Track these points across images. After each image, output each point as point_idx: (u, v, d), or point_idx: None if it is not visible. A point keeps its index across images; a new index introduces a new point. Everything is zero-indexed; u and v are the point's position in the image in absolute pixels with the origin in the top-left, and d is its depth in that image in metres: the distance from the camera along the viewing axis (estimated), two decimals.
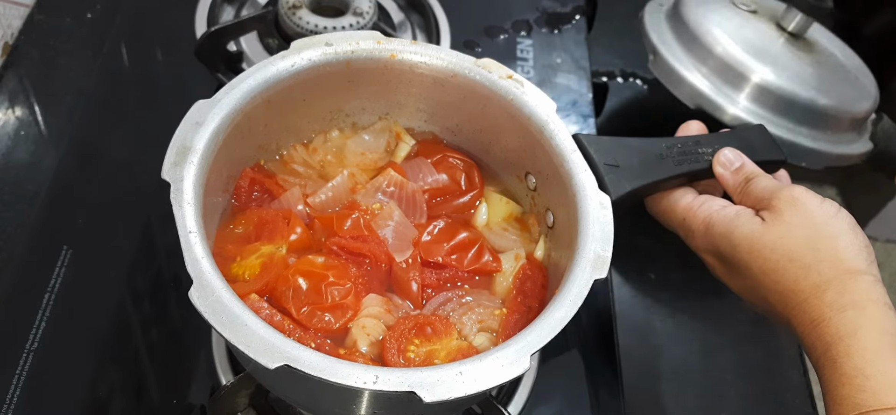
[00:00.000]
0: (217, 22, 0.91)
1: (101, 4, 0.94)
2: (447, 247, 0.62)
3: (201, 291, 0.47)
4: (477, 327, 0.58)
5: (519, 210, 0.67)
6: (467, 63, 0.63)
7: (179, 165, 0.53)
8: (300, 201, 0.63)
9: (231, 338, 0.46)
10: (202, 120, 0.56)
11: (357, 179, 0.66)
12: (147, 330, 0.70)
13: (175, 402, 0.67)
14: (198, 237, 0.50)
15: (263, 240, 0.60)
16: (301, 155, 0.67)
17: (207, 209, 0.57)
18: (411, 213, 0.64)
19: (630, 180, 0.61)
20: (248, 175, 0.63)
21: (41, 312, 0.68)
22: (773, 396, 0.74)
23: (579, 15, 1.02)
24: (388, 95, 0.67)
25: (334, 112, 0.68)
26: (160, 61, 0.91)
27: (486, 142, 0.67)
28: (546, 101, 0.61)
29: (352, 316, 0.57)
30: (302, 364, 0.45)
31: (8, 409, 0.63)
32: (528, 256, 0.63)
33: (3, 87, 0.85)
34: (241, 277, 0.57)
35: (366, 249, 0.59)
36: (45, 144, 0.82)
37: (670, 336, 0.77)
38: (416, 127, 0.69)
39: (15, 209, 0.75)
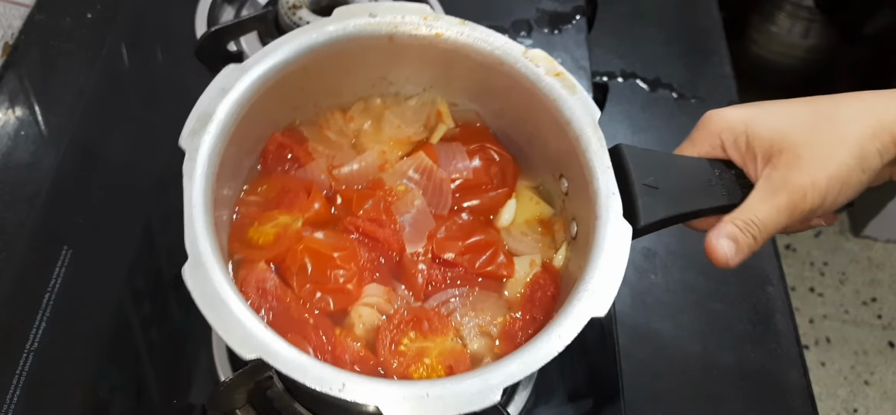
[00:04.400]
0: (217, 22, 0.91)
1: (101, 4, 0.94)
2: (461, 246, 0.61)
3: (194, 270, 0.47)
4: (476, 331, 0.58)
5: (548, 212, 0.64)
6: (515, 53, 0.60)
7: (198, 133, 0.52)
8: (324, 172, 0.62)
9: (213, 322, 0.46)
10: (229, 86, 0.54)
11: (387, 157, 0.64)
12: (147, 330, 0.70)
13: (175, 402, 0.67)
14: (201, 212, 0.49)
15: (282, 209, 0.60)
16: (337, 122, 0.65)
17: (233, 170, 0.56)
18: (435, 202, 0.62)
19: (666, 206, 0.56)
20: (276, 139, 0.62)
21: (41, 312, 0.68)
22: (773, 396, 0.74)
23: (579, 15, 1.02)
24: (433, 70, 0.64)
25: (377, 80, 0.65)
26: (160, 61, 0.91)
27: (527, 133, 0.64)
28: (590, 109, 0.58)
29: (352, 301, 0.57)
30: (275, 360, 0.45)
31: (8, 409, 0.63)
32: (544, 264, 0.61)
33: (3, 87, 0.85)
34: (256, 243, 0.58)
35: (379, 234, 0.59)
36: (45, 144, 0.82)
37: (670, 336, 0.77)
38: (460, 104, 0.67)
39: (15, 209, 0.76)
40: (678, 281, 0.81)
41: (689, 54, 1.02)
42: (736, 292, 0.80)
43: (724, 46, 1.04)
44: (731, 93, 0.98)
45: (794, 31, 1.96)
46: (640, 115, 0.95)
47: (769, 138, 0.55)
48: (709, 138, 0.58)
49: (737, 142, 0.57)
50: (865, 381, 1.81)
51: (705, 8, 1.08)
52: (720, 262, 0.57)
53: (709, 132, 0.58)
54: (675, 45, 1.03)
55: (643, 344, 0.76)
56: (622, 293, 0.79)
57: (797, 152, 0.54)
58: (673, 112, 0.96)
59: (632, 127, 0.93)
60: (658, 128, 0.94)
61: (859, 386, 1.80)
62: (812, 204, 0.54)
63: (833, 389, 1.79)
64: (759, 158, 0.56)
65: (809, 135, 0.55)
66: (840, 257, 1.98)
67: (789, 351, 0.77)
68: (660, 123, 0.95)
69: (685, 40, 1.04)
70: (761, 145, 0.56)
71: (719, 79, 1.00)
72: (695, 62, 1.02)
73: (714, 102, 0.97)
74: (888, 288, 1.95)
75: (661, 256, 0.82)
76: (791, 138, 0.55)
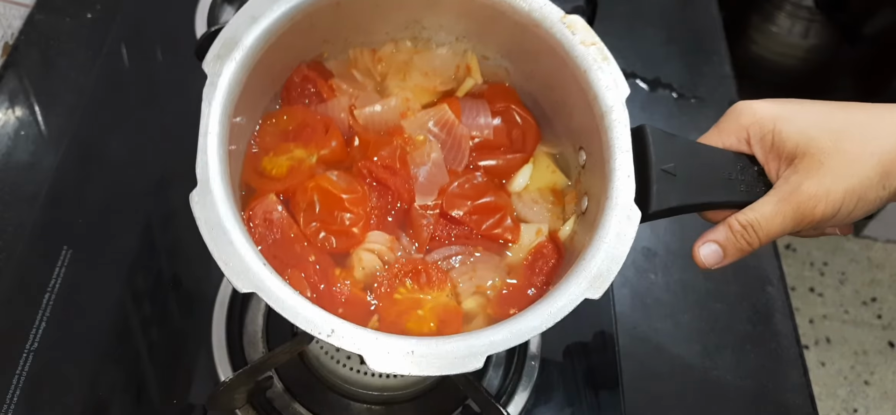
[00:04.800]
0: (217, 22, 0.91)
1: (101, 4, 0.94)
2: (470, 205, 0.60)
3: (202, 198, 0.48)
4: (472, 290, 0.58)
5: (563, 183, 0.64)
6: (552, 17, 0.59)
7: (222, 58, 0.52)
8: (345, 111, 0.62)
9: (213, 251, 0.46)
10: (258, 15, 0.54)
11: (410, 104, 0.64)
12: (147, 330, 0.70)
13: (175, 402, 0.67)
14: (216, 140, 0.50)
15: (299, 143, 0.60)
16: (365, 62, 0.65)
17: (255, 98, 0.56)
18: (451, 157, 0.62)
19: (680, 195, 0.55)
20: (302, 71, 0.62)
21: (41, 312, 0.68)
22: (773, 396, 0.74)
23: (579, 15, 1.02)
24: (468, 21, 0.64)
25: (410, 23, 0.65)
26: (160, 61, 0.91)
27: (554, 100, 0.63)
28: (620, 86, 0.56)
29: (355, 244, 0.57)
30: (269, 296, 0.46)
31: (8, 409, 0.63)
32: (550, 234, 0.61)
33: (3, 87, 0.85)
34: (268, 173, 0.58)
35: (391, 182, 0.59)
36: (45, 144, 0.82)
37: (670, 336, 0.77)
38: (492, 59, 0.66)
39: (15, 209, 0.75)
40: (678, 281, 0.81)
41: (689, 54, 1.02)
42: (736, 292, 0.80)
43: (724, 46, 1.04)
44: (731, 93, 0.98)
45: (793, 31, 1.96)
46: (641, 115, 0.95)
47: (795, 141, 0.55)
48: (736, 131, 0.58)
49: (763, 139, 0.56)
50: (865, 381, 1.80)
51: (705, 8, 1.08)
52: (700, 266, 0.58)
53: (737, 124, 0.58)
54: (675, 45, 1.03)
55: (643, 344, 0.76)
56: (622, 293, 0.79)
57: (820, 159, 0.53)
58: (673, 112, 0.96)
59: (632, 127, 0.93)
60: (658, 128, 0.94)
61: (859, 386, 1.80)
62: (823, 214, 0.53)
63: (833, 389, 1.79)
64: (783, 159, 0.56)
65: (835, 143, 0.54)
66: (840, 257, 1.98)
67: (789, 351, 0.77)
68: (660, 122, 0.95)
69: (685, 40, 1.04)
70: (786, 146, 0.55)
71: (719, 79, 1.00)
72: (695, 62, 1.02)
73: (714, 102, 0.97)
74: (888, 288, 1.95)
75: (661, 256, 0.82)
76: (816, 144, 0.54)
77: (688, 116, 0.96)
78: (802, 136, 0.54)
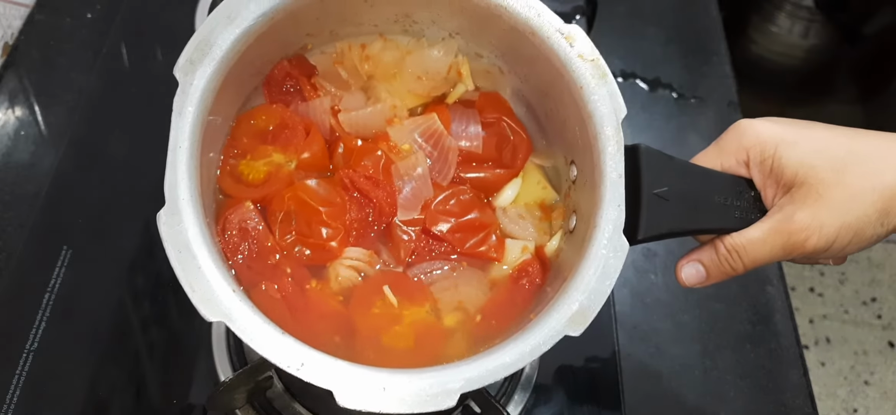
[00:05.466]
0: None
1: (101, 4, 0.94)
2: (454, 223, 0.58)
3: (169, 217, 0.46)
4: (453, 306, 0.56)
5: (552, 198, 0.62)
6: (550, 28, 0.55)
7: (195, 64, 0.49)
8: (328, 112, 0.60)
9: (181, 276, 0.44)
10: (235, 15, 0.51)
11: (397, 111, 0.61)
12: (147, 330, 0.70)
13: (175, 402, 0.67)
14: (186, 154, 0.47)
15: (278, 146, 0.57)
16: (352, 59, 0.62)
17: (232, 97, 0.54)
18: (437, 170, 0.60)
19: (671, 221, 0.53)
20: (284, 67, 0.59)
21: (41, 312, 0.68)
22: (773, 396, 0.74)
23: (579, 15, 1.02)
24: (462, 19, 0.60)
25: (400, 16, 0.61)
26: (160, 61, 0.91)
27: (549, 108, 0.60)
28: (616, 106, 0.54)
29: (332, 258, 0.55)
30: (237, 327, 0.44)
31: (8, 409, 0.63)
32: (536, 249, 0.59)
33: (3, 87, 0.85)
34: (245, 179, 0.56)
35: (374, 195, 0.57)
36: (45, 144, 0.81)
37: (670, 336, 0.77)
38: (486, 57, 0.63)
39: (15, 209, 0.75)
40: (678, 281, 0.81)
41: (689, 54, 1.02)
42: (736, 292, 0.80)
43: (724, 46, 1.04)
44: (730, 93, 0.98)
45: (793, 31, 1.96)
46: (640, 115, 0.95)
47: (795, 169, 0.52)
48: (736, 151, 0.55)
49: (763, 163, 0.54)
50: (865, 381, 1.80)
51: (705, 8, 1.08)
52: (681, 285, 0.57)
53: (738, 144, 0.55)
54: (675, 45, 1.03)
55: (643, 344, 0.76)
56: (622, 293, 0.79)
57: (818, 191, 0.51)
58: (673, 112, 0.96)
59: (632, 127, 0.93)
60: (658, 128, 0.94)
61: (859, 386, 1.80)
62: (814, 248, 0.52)
63: (833, 389, 1.79)
64: (781, 186, 0.54)
65: (836, 175, 0.51)
66: None
67: (789, 351, 0.77)
68: (660, 123, 0.95)
69: (685, 40, 1.04)
70: (785, 173, 0.53)
71: (719, 79, 1.00)
72: (695, 62, 1.02)
73: (714, 102, 0.97)
74: (888, 288, 1.95)
75: (661, 256, 0.82)
76: (816, 175, 0.52)
77: (688, 116, 0.96)
78: (803, 164, 0.52)
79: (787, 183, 0.53)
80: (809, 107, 2.08)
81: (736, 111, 0.97)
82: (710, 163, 0.56)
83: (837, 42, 1.97)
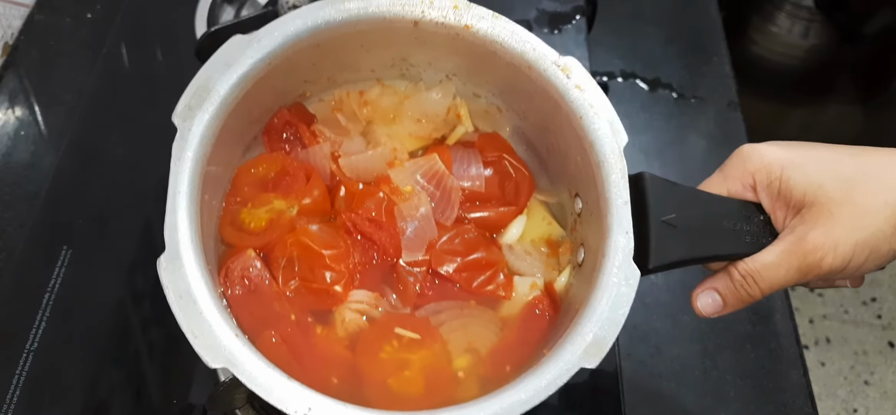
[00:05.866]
0: (217, 22, 0.91)
1: (101, 4, 0.94)
2: (460, 262, 0.57)
3: (170, 263, 0.45)
4: (463, 347, 0.54)
5: (558, 234, 0.61)
6: (546, 60, 0.56)
7: (194, 110, 0.49)
8: (328, 158, 0.59)
9: (182, 323, 0.44)
10: (233, 61, 0.51)
11: (397, 153, 0.61)
12: (147, 330, 0.70)
13: (175, 402, 0.67)
14: (186, 199, 0.47)
15: (279, 193, 0.57)
16: (351, 105, 0.62)
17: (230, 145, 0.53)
18: (441, 210, 0.59)
19: (681, 248, 0.52)
20: (283, 116, 0.59)
21: (41, 312, 0.68)
22: (773, 396, 0.74)
23: (579, 15, 1.02)
24: (458, 59, 0.61)
25: (397, 60, 0.62)
26: (160, 61, 0.91)
27: (549, 143, 0.61)
28: (616, 135, 0.54)
29: (337, 302, 0.55)
30: (241, 372, 0.43)
31: (8, 409, 0.63)
32: (546, 286, 0.58)
33: (3, 87, 0.85)
34: (247, 227, 0.56)
35: (377, 237, 0.57)
36: (45, 144, 0.82)
37: (670, 336, 0.77)
38: (484, 96, 0.63)
39: (15, 209, 0.75)
40: (678, 281, 0.81)
41: (689, 54, 1.02)
42: None
43: (724, 46, 1.04)
44: (730, 93, 0.98)
45: (793, 31, 1.96)
46: (640, 115, 0.95)
47: (803, 189, 0.51)
48: (741, 176, 0.54)
49: (770, 186, 0.53)
50: (865, 381, 1.80)
51: (705, 8, 1.08)
52: (698, 315, 0.55)
53: (742, 169, 0.54)
54: (675, 45, 1.03)
55: (643, 344, 0.76)
56: None
57: (830, 209, 0.50)
58: (673, 112, 0.96)
59: (632, 127, 0.93)
60: (658, 128, 0.94)
61: (859, 386, 1.80)
62: (830, 268, 0.51)
63: (833, 389, 1.79)
64: (790, 208, 0.53)
65: (846, 192, 0.51)
66: None
67: (789, 351, 0.77)
68: (660, 123, 0.95)
69: (685, 40, 1.04)
70: (794, 194, 0.52)
71: (719, 79, 1.00)
72: (695, 62, 1.02)
73: (714, 102, 0.97)
74: (888, 288, 1.95)
75: None
76: (826, 193, 0.51)
77: (688, 116, 0.96)
78: (811, 184, 0.51)
79: (797, 204, 0.52)
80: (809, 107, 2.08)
81: (736, 111, 0.97)
82: (715, 190, 0.55)
83: (837, 42, 1.97)
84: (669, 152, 0.92)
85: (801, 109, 2.08)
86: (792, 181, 0.52)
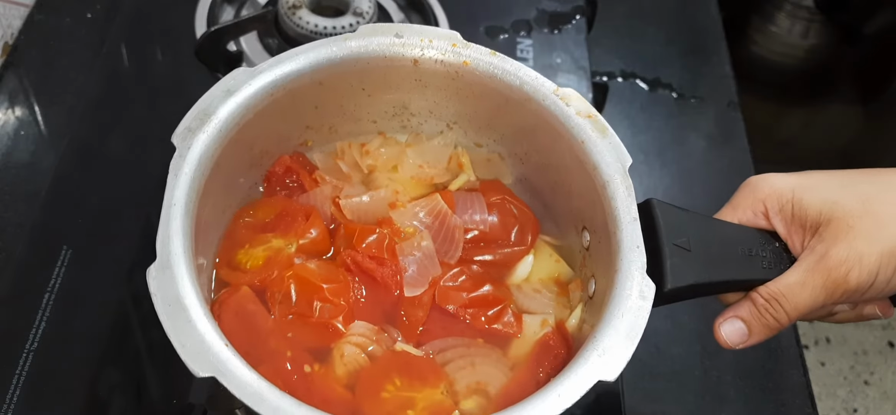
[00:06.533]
0: (217, 22, 0.91)
1: (101, 4, 0.94)
2: (466, 297, 0.56)
3: (160, 271, 0.44)
4: (471, 388, 0.52)
5: (567, 274, 0.60)
6: (545, 89, 0.57)
7: (193, 131, 0.49)
8: (329, 200, 0.58)
9: (169, 330, 0.42)
10: (235, 88, 0.52)
11: (399, 197, 0.60)
12: (147, 330, 0.70)
13: (175, 402, 0.67)
14: (180, 211, 0.46)
15: (277, 232, 0.56)
16: (353, 155, 0.62)
17: (231, 175, 0.53)
18: (444, 249, 0.58)
19: (697, 271, 0.50)
20: (284, 162, 0.59)
21: (41, 312, 0.68)
22: (773, 396, 0.74)
23: (579, 15, 1.02)
24: (457, 104, 0.61)
25: (398, 109, 0.62)
26: (160, 61, 0.91)
27: (551, 180, 0.61)
28: (620, 155, 0.54)
29: (336, 338, 0.53)
30: (230, 381, 0.41)
31: (8, 409, 0.63)
32: (557, 324, 0.56)
33: (3, 87, 0.85)
34: (243, 267, 0.55)
35: (378, 274, 0.55)
36: (45, 144, 0.81)
37: (670, 336, 0.77)
38: (485, 144, 0.64)
39: (15, 209, 0.75)
40: None
41: (689, 54, 1.02)
42: None
43: (724, 46, 1.04)
44: (731, 93, 0.98)
45: (793, 31, 1.96)
46: (640, 115, 0.95)
47: (818, 208, 0.50)
48: (752, 204, 0.53)
49: (783, 210, 0.52)
50: (865, 381, 1.80)
51: (705, 8, 1.08)
52: (723, 346, 0.53)
53: (752, 198, 0.53)
54: (675, 45, 1.03)
55: (643, 344, 0.76)
56: None
57: (848, 223, 0.49)
58: (673, 112, 0.96)
59: (632, 127, 0.93)
60: (658, 128, 0.94)
61: (859, 386, 1.80)
62: (858, 282, 0.49)
63: (833, 389, 1.79)
64: (807, 229, 0.51)
65: (864, 204, 0.49)
66: None
67: (789, 351, 0.77)
68: (660, 123, 0.95)
69: (685, 40, 1.04)
70: (809, 215, 0.50)
71: (719, 79, 1.00)
72: (695, 62, 1.02)
73: (714, 102, 0.97)
74: None
75: None
76: (842, 207, 0.49)
77: (687, 116, 0.96)
78: (826, 202, 0.50)
79: (813, 224, 0.50)
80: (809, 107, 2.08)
81: (736, 111, 0.97)
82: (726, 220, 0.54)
83: (837, 42, 1.98)
84: (669, 152, 0.92)
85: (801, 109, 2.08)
86: (805, 202, 0.51)
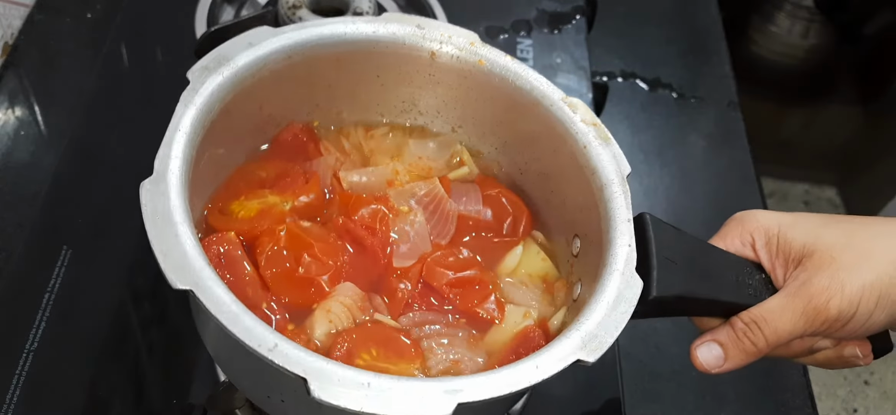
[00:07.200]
0: (217, 22, 0.91)
1: (101, 4, 0.94)
2: (452, 276, 0.56)
3: (154, 185, 0.44)
4: (446, 367, 0.52)
5: (553, 274, 0.61)
6: (554, 96, 0.58)
7: (210, 71, 0.50)
8: (330, 171, 0.60)
9: (153, 241, 0.42)
10: (256, 42, 0.53)
11: (399, 175, 0.62)
12: (147, 330, 0.70)
13: (175, 402, 0.67)
14: (183, 138, 0.47)
15: (275, 190, 0.57)
16: (357, 137, 0.63)
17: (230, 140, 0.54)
18: (437, 230, 0.59)
19: (684, 284, 0.51)
20: (293, 129, 0.60)
21: (41, 312, 0.68)
22: (773, 396, 0.74)
23: (579, 15, 1.02)
24: (465, 106, 0.63)
25: (408, 104, 0.64)
26: (160, 61, 0.91)
27: (548, 190, 0.62)
28: (620, 164, 0.55)
29: (320, 298, 0.52)
30: (206, 297, 0.41)
31: (8, 409, 0.63)
32: (540, 321, 0.57)
33: (3, 87, 0.85)
34: (235, 214, 0.54)
35: (368, 242, 0.56)
36: (45, 144, 0.82)
37: (670, 336, 0.77)
38: (486, 153, 0.65)
39: (15, 209, 0.75)
40: None
41: (688, 54, 1.02)
42: None
43: (724, 46, 1.04)
44: (730, 93, 0.98)
45: (793, 31, 1.96)
46: (640, 115, 0.95)
47: (802, 241, 0.51)
48: (740, 235, 0.55)
49: (768, 243, 0.53)
50: (865, 381, 1.81)
51: (705, 8, 1.09)
52: (698, 369, 0.54)
53: (740, 229, 0.55)
54: (675, 45, 1.03)
55: (643, 344, 0.76)
56: None
57: (831, 255, 0.50)
58: (673, 112, 0.96)
59: (632, 127, 0.93)
60: (658, 128, 0.94)
61: (859, 386, 1.80)
62: (838, 311, 0.49)
63: (833, 389, 1.79)
64: (791, 262, 0.52)
65: (847, 238, 0.51)
66: None
67: None
68: (660, 122, 0.95)
69: (685, 40, 1.04)
70: (793, 247, 0.52)
71: (719, 79, 1.00)
72: (695, 62, 1.02)
73: (714, 102, 0.97)
74: None
75: None
76: (825, 241, 0.51)
77: (688, 116, 0.96)
78: (810, 234, 0.51)
79: (797, 256, 0.52)
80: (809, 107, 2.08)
81: (736, 111, 0.97)
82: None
83: (837, 42, 1.98)
84: (669, 152, 0.92)
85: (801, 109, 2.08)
86: (790, 235, 0.52)
